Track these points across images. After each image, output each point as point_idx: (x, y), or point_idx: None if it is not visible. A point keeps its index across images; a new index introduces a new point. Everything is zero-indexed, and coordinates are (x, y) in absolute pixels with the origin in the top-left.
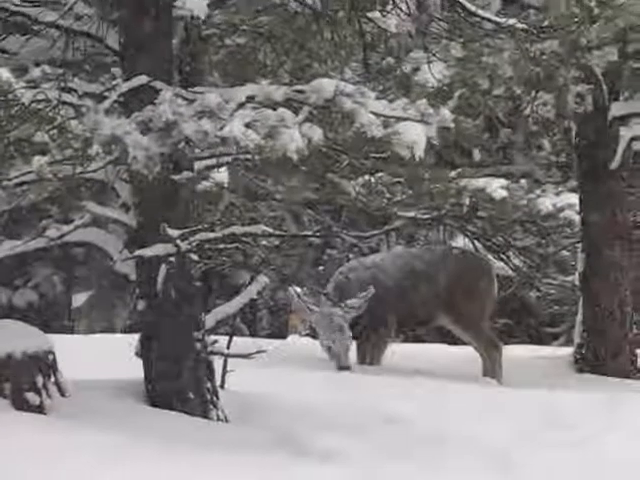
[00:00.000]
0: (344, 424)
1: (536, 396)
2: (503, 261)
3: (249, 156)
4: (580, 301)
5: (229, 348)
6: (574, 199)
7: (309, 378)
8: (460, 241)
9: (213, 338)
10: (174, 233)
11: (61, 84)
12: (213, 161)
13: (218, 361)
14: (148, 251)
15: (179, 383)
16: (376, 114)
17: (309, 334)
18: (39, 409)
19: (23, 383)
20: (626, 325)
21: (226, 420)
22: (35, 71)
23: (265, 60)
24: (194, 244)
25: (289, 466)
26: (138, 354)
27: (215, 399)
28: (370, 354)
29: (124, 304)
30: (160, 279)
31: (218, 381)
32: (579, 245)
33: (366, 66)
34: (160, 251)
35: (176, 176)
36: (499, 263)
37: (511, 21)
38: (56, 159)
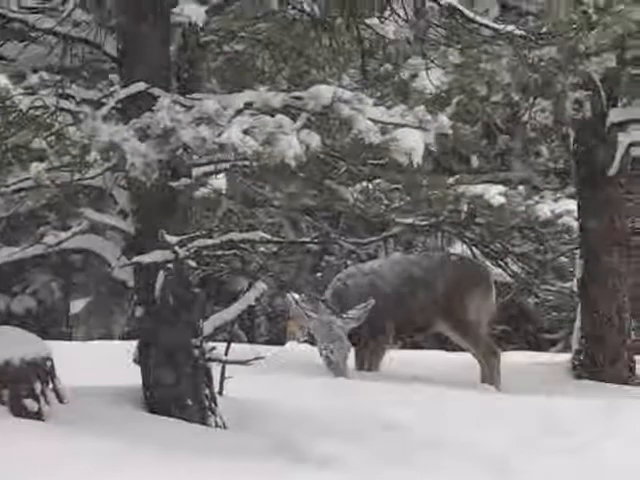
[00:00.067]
0: (342, 430)
1: (534, 402)
2: (501, 267)
3: (247, 163)
4: (578, 307)
5: (227, 354)
6: (572, 205)
7: (307, 384)
8: (458, 247)
9: (211, 345)
10: (172, 240)
11: (59, 91)
12: (211, 168)
13: (216, 368)
14: (146, 258)
15: (177, 390)
16: (374, 120)
17: (307, 340)
18: (37, 416)
19: (21, 390)
20: (624, 331)
21: (224, 426)
22: (33, 78)
23: (263, 67)
24: (192, 250)
25: (287, 472)
26: (136, 361)
27: (213, 406)
28: (368, 360)
29: (122, 311)
30: (158, 286)
31: (216, 388)
32: (577, 251)
33: (364, 73)
34: (158, 258)
35: (174, 183)
36: (497, 269)
37: (509, 28)
38: (54, 166)
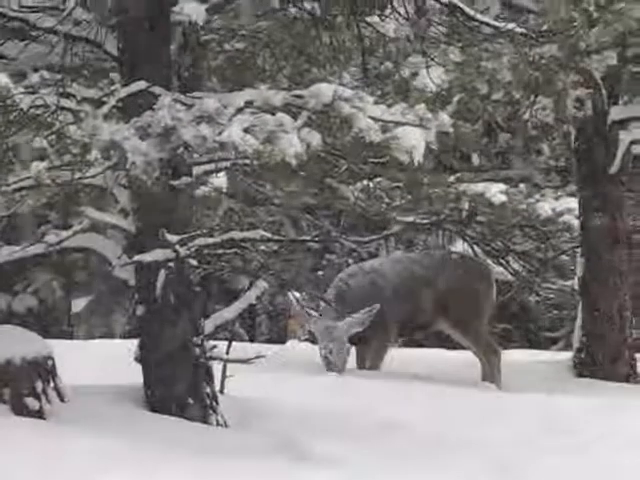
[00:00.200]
0: (343, 429)
1: (535, 401)
2: (502, 266)
3: (248, 161)
4: (579, 305)
5: (228, 353)
6: (573, 203)
7: (308, 383)
8: (459, 246)
9: (212, 343)
10: (173, 238)
11: (60, 89)
12: (212, 166)
13: (217, 366)
14: (147, 256)
15: (178, 388)
16: (375, 119)
17: (308, 339)
18: (38, 414)
19: (22, 388)
20: (625, 330)
21: (225, 425)
22: (34, 76)
23: (264, 65)
24: (193, 249)
25: (288, 471)
26: (137, 359)
27: (214, 404)
28: (369, 359)
29: (123, 309)
30: (159, 284)
31: (217, 386)
32: (578, 249)
33: (365, 71)
34: (159, 256)
35: (175, 181)
36: (498, 268)
37: (510, 25)
38: (55, 165)
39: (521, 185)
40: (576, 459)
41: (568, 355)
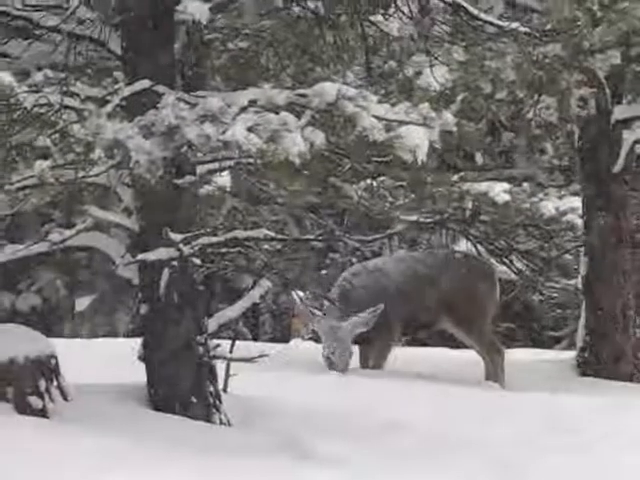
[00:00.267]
0: (347, 428)
1: (538, 400)
2: (506, 265)
3: (251, 160)
4: (583, 305)
5: (232, 352)
6: (577, 203)
7: (312, 382)
8: (463, 245)
9: (216, 342)
10: (177, 237)
11: (63, 88)
12: (215, 165)
13: (221, 365)
14: (151, 255)
15: (182, 387)
16: (378, 118)
17: (312, 338)
18: (42, 413)
19: (26, 387)
20: (629, 329)
21: (229, 424)
22: (37, 75)
23: (267, 64)
24: (196, 248)
25: (292, 470)
26: (141, 358)
27: (218, 403)
28: (373, 358)
29: (127, 308)
30: (163, 283)
31: (221, 385)
32: (582, 249)
33: (368, 70)
34: (163, 255)
35: (178, 180)
36: (502, 267)
37: (514, 25)
38: (58, 163)
39: (525, 184)
40: (579, 458)
41: (572, 354)
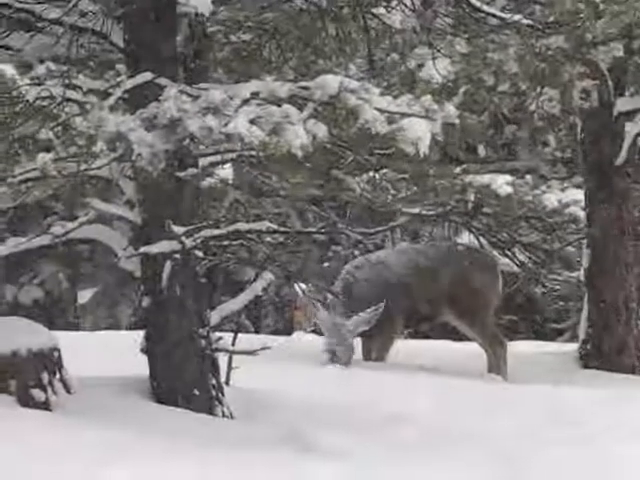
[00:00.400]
0: (349, 420)
1: (541, 392)
2: (508, 257)
3: (254, 152)
4: (585, 297)
5: (234, 345)
6: (579, 195)
7: (314, 375)
8: (465, 237)
9: (218, 335)
10: (179, 230)
11: (65, 81)
12: (218, 158)
13: (223, 358)
14: (153, 248)
15: (184, 380)
16: (381, 110)
17: (314, 330)
18: (44, 406)
19: (28, 380)
20: (631, 321)
21: (231, 417)
22: (39, 68)
23: (270, 57)
24: (199, 241)
25: (294, 462)
26: (143, 351)
27: (220, 396)
28: (375, 351)
29: (129, 301)
30: (165, 276)
31: (223, 378)
32: (584, 241)
33: (371, 62)
34: (165, 248)
35: (181, 173)
36: (504, 259)
37: (516, 17)
38: (60, 156)
39: (527, 176)
40: (582, 450)
41: (574, 346)
